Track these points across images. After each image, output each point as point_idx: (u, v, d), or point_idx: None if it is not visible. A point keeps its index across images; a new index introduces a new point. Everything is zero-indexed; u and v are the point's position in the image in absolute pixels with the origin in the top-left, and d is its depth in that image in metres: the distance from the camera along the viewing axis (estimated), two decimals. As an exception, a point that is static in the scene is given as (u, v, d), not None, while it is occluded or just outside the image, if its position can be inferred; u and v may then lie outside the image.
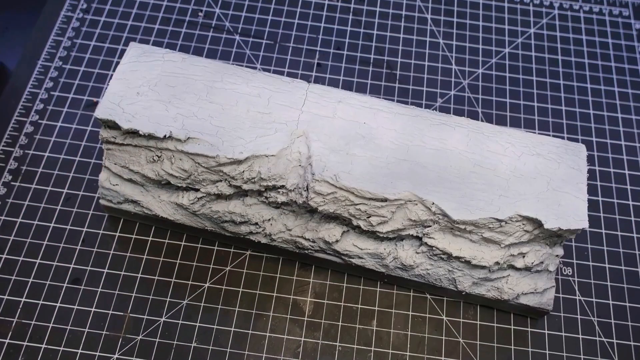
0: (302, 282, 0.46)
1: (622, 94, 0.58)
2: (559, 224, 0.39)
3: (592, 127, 0.55)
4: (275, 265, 0.47)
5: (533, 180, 0.41)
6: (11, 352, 0.42)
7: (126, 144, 0.41)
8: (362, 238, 0.43)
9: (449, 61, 0.58)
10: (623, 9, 0.63)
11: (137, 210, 0.45)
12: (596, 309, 0.47)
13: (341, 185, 0.39)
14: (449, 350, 0.44)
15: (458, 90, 0.56)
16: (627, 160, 0.54)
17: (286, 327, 0.44)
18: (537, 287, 0.43)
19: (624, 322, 0.46)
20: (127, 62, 0.42)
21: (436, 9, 0.62)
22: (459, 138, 0.42)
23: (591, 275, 0.48)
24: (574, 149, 0.43)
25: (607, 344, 0.45)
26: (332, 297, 0.46)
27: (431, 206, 0.39)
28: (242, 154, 0.39)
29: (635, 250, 0.49)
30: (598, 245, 0.49)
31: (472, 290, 0.44)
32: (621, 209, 0.51)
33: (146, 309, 0.44)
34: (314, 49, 0.58)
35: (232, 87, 0.42)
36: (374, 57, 0.58)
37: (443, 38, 0.60)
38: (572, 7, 0.63)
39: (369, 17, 0.61)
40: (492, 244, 0.41)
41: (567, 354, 0.45)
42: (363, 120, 0.42)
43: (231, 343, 0.44)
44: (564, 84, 0.58)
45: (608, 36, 0.61)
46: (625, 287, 0.48)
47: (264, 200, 0.42)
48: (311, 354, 0.44)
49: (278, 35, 0.59)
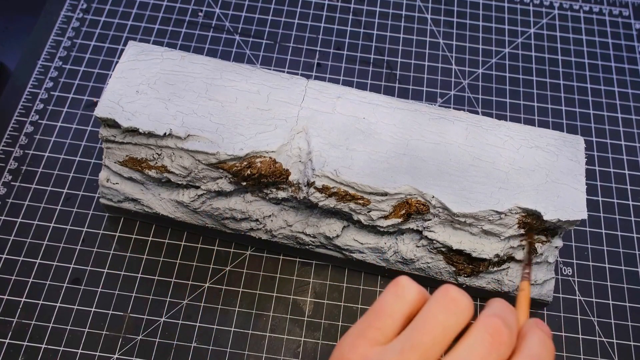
0: (302, 282, 0.46)
1: (622, 94, 0.58)
2: (558, 215, 0.39)
3: (592, 127, 0.55)
4: (275, 265, 0.47)
5: (532, 172, 0.41)
6: (11, 352, 0.42)
7: (126, 143, 0.41)
8: (363, 232, 0.43)
9: (449, 61, 0.58)
10: (623, 9, 0.63)
11: (137, 208, 0.45)
12: (596, 309, 0.47)
13: (341, 180, 0.39)
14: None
15: (458, 90, 0.56)
16: (627, 160, 0.54)
17: (286, 327, 0.44)
18: (537, 278, 0.44)
19: (624, 322, 0.46)
20: (126, 61, 0.42)
21: (436, 9, 0.62)
22: (458, 132, 0.42)
23: (591, 275, 0.48)
24: (572, 141, 0.43)
25: (607, 344, 0.45)
26: (332, 297, 0.46)
27: (431, 199, 0.40)
28: (242, 150, 0.39)
29: (635, 250, 0.49)
30: (598, 245, 0.49)
31: (472, 283, 0.44)
32: (621, 209, 0.51)
33: (146, 309, 0.44)
34: (314, 49, 0.58)
35: (231, 84, 0.42)
36: (374, 57, 0.58)
37: (443, 38, 0.60)
38: (572, 7, 0.63)
39: (369, 17, 0.61)
40: (492, 237, 0.42)
41: (567, 354, 0.45)
42: (362, 115, 0.42)
43: (231, 343, 0.44)
44: (564, 84, 0.58)
45: (608, 36, 0.61)
46: (625, 287, 0.48)
47: (264, 196, 0.43)
48: (311, 354, 0.44)
49: (278, 35, 0.59)
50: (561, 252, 0.49)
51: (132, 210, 0.46)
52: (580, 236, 0.50)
